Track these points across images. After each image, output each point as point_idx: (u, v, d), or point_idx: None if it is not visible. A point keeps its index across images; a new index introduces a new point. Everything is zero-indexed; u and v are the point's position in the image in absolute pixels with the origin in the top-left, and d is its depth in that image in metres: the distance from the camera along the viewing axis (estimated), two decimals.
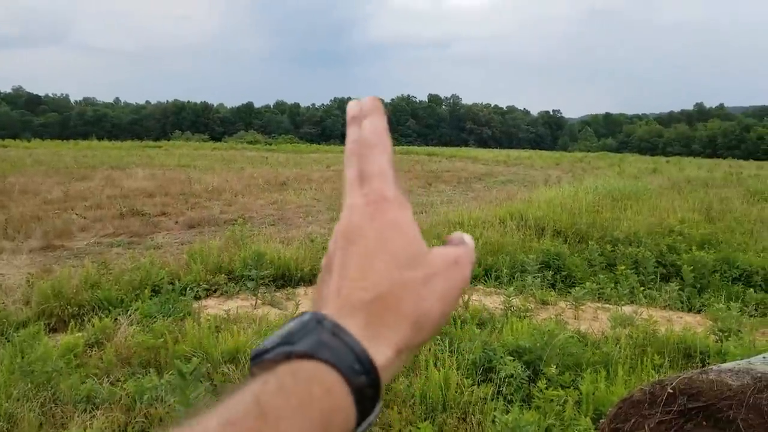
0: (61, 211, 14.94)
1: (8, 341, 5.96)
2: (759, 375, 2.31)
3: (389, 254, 0.56)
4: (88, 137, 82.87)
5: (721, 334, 6.54)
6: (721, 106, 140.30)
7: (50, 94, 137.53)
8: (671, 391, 2.47)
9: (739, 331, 6.67)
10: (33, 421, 4.52)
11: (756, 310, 8.68)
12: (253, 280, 8.33)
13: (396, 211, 0.59)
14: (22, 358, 5.29)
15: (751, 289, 9.47)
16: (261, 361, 0.50)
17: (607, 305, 8.22)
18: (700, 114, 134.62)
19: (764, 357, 2.69)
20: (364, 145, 0.61)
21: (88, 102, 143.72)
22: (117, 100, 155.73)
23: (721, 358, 5.72)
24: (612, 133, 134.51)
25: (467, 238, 0.64)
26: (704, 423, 2.32)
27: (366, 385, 0.49)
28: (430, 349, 5.79)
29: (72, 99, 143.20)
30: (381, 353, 0.52)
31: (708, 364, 5.70)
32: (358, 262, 0.56)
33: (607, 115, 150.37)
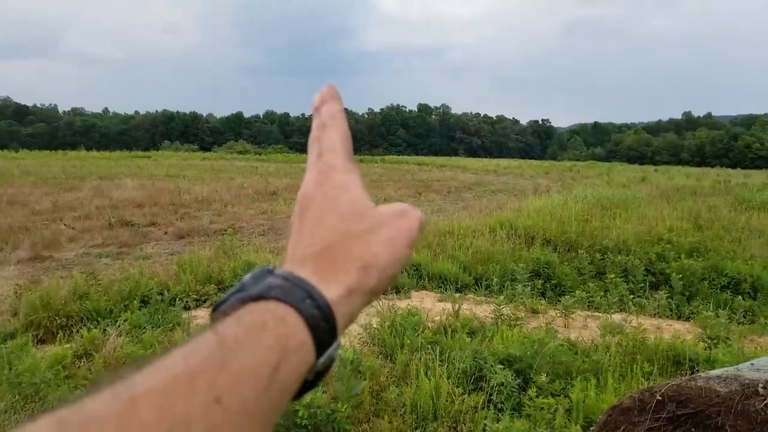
0: (50, 221, 14.88)
1: None
2: (747, 381, 2.33)
3: (335, 211, 0.61)
4: (77, 147, 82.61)
5: (709, 341, 6.56)
6: (709, 115, 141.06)
7: (38, 105, 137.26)
8: (660, 398, 2.48)
9: (728, 338, 6.69)
10: None
11: (744, 317, 8.72)
12: None
13: (341, 174, 0.64)
14: (10, 369, 5.25)
15: (740, 297, 9.53)
16: (219, 311, 0.53)
17: (597, 313, 8.23)
18: (688, 123, 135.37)
19: (752, 364, 2.70)
20: (320, 127, 0.68)
21: (76, 112, 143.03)
22: (106, 110, 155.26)
23: (709, 366, 5.74)
24: (601, 143, 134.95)
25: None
26: (693, 430, 2.33)
27: (319, 318, 0.53)
28: (420, 358, 5.79)
29: (60, 109, 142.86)
30: (332, 290, 0.56)
31: (697, 371, 5.72)
32: (310, 225, 0.61)
33: (596, 125, 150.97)
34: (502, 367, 5.45)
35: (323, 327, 0.53)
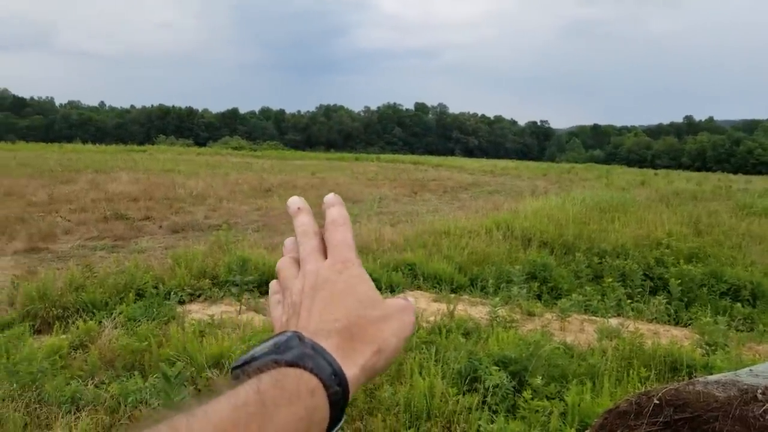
0: (46, 213, 14.84)
1: None
2: (746, 387, 2.31)
3: (355, 296, 0.69)
4: (73, 140, 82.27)
5: (707, 347, 6.55)
6: (710, 119, 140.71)
7: (35, 97, 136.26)
8: (658, 402, 2.46)
9: (726, 345, 6.68)
10: (18, 421, 4.50)
11: (743, 324, 8.71)
12: (237, 285, 8.28)
13: (359, 269, 0.72)
14: (8, 358, 5.27)
15: (739, 304, 9.52)
16: (249, 367, 0.60)
17: (594, 317, 8.21)
18: (689, 126, 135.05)
19: (750, 369, 2.68)
20: (332, 223, 0.76)
21: (73, 105, 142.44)
22: (102, 103, 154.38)
23: (707, 372, 5.71)
24: (600, 145, 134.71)
25: (409, 297, 0.76)
26: None
27: (339, 395, 0.60)
28: (415, 358, 5.77)
29: (57, 102, 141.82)
30: (350, 370, 0.63)
31: (694, 377, 5.71)
32: (326, 302, 0.69)
33: (595, 127, 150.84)
34: (497, 368, 5.43)
35: (341, 404, 0.60)
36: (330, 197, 0.80)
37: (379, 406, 4.99)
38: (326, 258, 0.74)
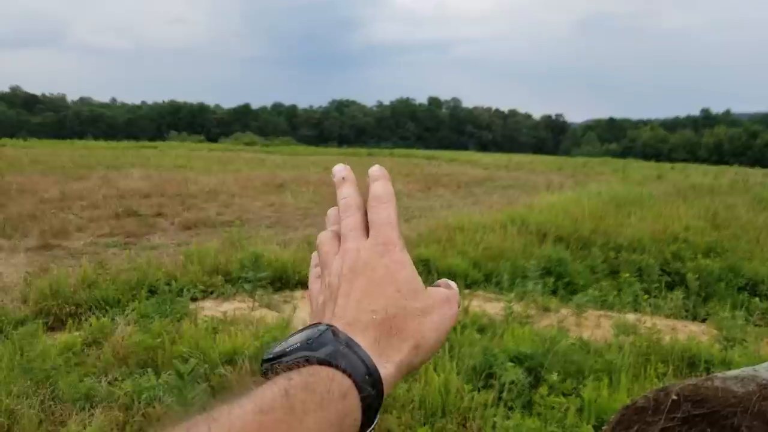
0: (58, 210, 14.87)
1: (7, 339, 5.95)
2: (764, 382, 2.27)
3: (395, 285, 0.65)
4: (84, 137, 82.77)
5: (725, 342, 6.48)
6: (727, 112, 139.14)
7: (47, 94, 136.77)
8: (675, 397, 2.43)
9: (744, 340, 6.62)
10: (33, 418, 4.50)
11: (761, 319, 8.61)
12: (250, 282, 8.27)
13: (401, 253, 0.69)
14: (22, 355, 5.30)
15: (757, 298, 9.43)
16: (280, 362, 0.58)
17: (610, 313, 8.13)
18: (706, 120, 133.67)
19: None
20: (376, 199, 0.73)
21: (84, 102, 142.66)
22: (113, 99, 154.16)
23: (725, 367, 5.65)
24: (616, 139, 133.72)
25: (453, 284, 0.74)
26: (708, 430, 2.28)
27: (373, 397, 0.57)
28: None
29: (68, 99, 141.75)
30: (386, 369, 0.60)
31: (712, 372, 5.64)
32: (364, 290, 0.65)
33: (611, 120, 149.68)
34: (512, 364, 5.38)
35: (374, 407, 0.57)
36: (375, 170, 0.78)
37: (393, 402, 4.95)
38: (368, 235, 0.70)
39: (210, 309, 7.61)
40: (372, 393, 0.57)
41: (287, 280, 9.13)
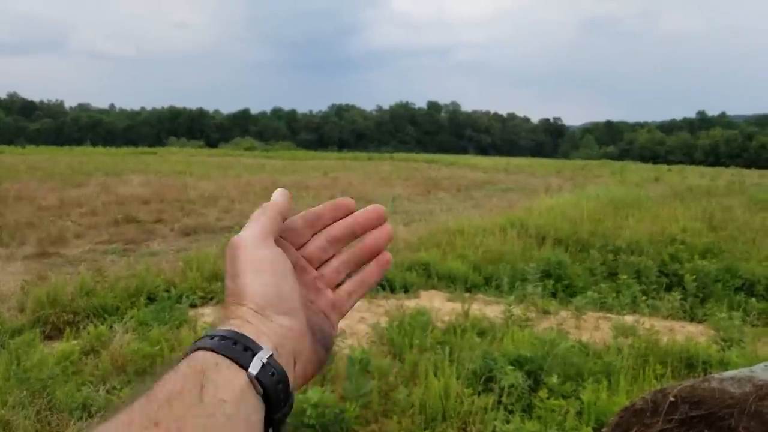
0: (56, 217, 14.87)
1: (3, 348, 5.89)
2: (761, 383, 2.27)
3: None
4: (83, 143, 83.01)
5: (723, 343, 6.48)
6: (723, 114, 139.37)
7: (45, 100, 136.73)
8: (673, 399, 2.42)
9: (742, 340, 6.61)
10: (29, 428, 4.45)
11: (758, 319, 8.62)
12: None
13: None
14: (18, 365, 5.23)
15: (754, 299, 9.42)
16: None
17: (609, 315, 8.13)
18: (702, 122, 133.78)
19: (766, 365, 2.64)
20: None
21: (82, 108, 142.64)
22: (112, 106, 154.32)
23: (723, 368, 5.64)
24: (613, 141, 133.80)
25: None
26: (705, 431, 2.28)
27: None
28: (429, 358, 5.72)
29: (67, 105, 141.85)
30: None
31: (710, 373, 5.64)
32: None
33: (609, 123, 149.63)
34: (512, 368, 5.37)
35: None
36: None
37: (394, 407, 4.94)
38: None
39: (209, 316, 7.58)
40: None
41: None
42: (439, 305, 8.19)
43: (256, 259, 0.65)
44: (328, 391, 4.64)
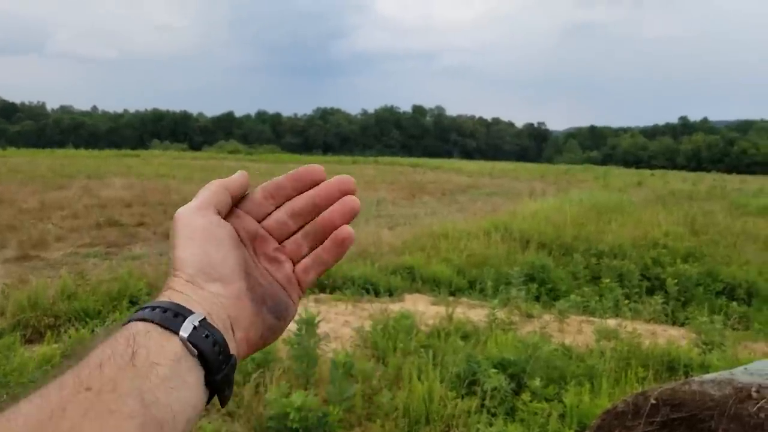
0: (37, 220, 14.71)
1: None
2: (740, 385, 2.29)
3: None
4: (65, 145, 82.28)
5: (704, 347, 6.53)
6: (705, 120, 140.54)
7: (26, 102, 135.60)
8: (654, 402, 2.44)
9: (722, 344, 6.66)
10: None
11: (739, 323, 8.69)
12: None
13: None
14: None
15: (734, 303, 9.52)
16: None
17: (592, 318, 8.17)
18: (684, 127, 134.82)
19: (746, 368, 2.66)
20: None
21: (65, 110, 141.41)
22: (94, 108, 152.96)
23: (704, 371, 5.68)
24: (597, 146, 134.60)
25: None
26: None
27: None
28: (413, 362, 5.72)
29: (48, 107, 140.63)
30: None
31: (691, 376, 5.67)
32: None
33: (592, 128, 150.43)
34: (495, 371, 5.38)
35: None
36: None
37: (377, 411, 4.94)
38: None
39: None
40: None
41: None
42: (423, 309, 8.20)
43: (188, 230, 0.66)
44: (311, 394, 4.63)
